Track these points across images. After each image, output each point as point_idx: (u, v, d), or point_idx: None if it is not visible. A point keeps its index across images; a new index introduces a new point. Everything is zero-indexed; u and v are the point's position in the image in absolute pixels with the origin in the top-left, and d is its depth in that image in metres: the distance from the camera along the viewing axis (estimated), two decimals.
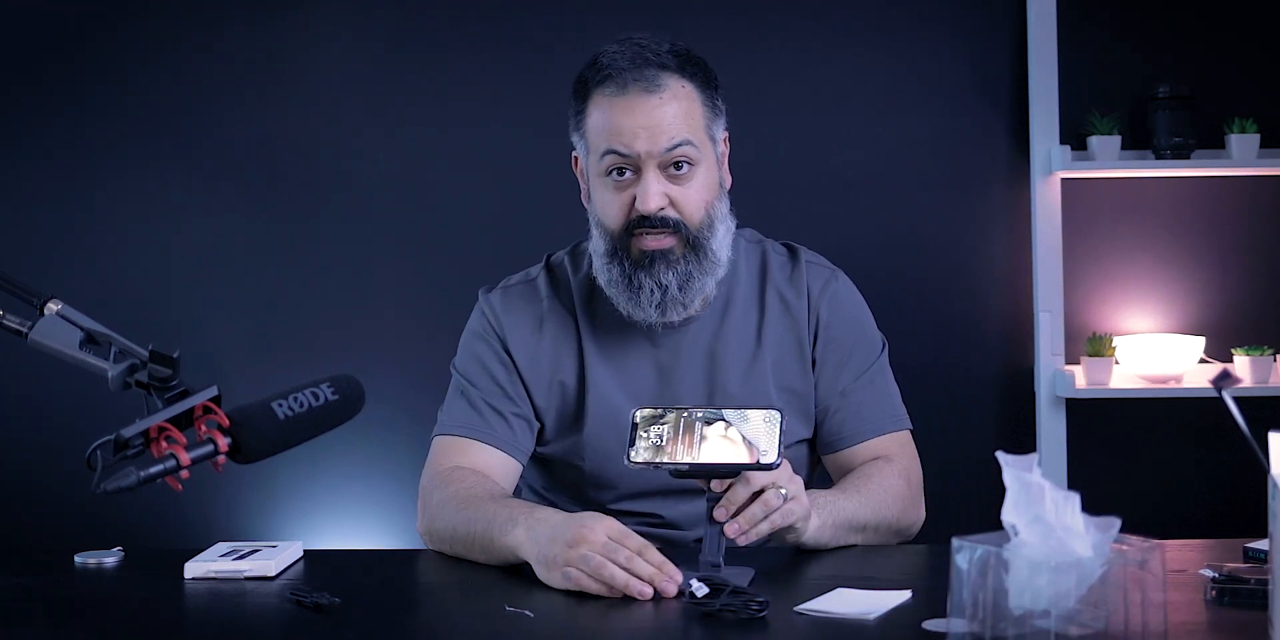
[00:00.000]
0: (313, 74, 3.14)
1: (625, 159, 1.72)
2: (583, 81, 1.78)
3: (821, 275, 1.87)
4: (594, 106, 1.76)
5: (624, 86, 1.72)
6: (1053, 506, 1.12)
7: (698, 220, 1.75)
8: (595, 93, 1.75)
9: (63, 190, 3.13)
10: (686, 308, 1.77)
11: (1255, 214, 3.12)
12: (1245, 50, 3.12)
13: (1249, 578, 1.39)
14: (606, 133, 1.73)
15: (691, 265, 1.75)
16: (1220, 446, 3.04)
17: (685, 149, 1.73)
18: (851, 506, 1.69)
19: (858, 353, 1.85)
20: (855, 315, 1.88)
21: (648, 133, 1.71)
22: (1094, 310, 3.12)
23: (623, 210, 1.74)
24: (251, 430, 1.27)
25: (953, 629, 1.17)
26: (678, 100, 1.74)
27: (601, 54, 1.77)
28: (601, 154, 1.74)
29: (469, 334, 1.89)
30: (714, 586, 1.38)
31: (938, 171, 3.13)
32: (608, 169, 1.74)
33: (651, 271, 1.73)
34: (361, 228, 3.14)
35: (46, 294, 1.30)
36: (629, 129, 1.71)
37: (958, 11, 3.13)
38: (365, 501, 3.12)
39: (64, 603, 1.50)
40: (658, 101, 1.72)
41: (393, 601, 1.51)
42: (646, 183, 1.72)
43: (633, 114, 1.72)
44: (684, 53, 1.78)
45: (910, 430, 1.88)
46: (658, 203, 1.72)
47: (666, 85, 1.73)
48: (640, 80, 1.72)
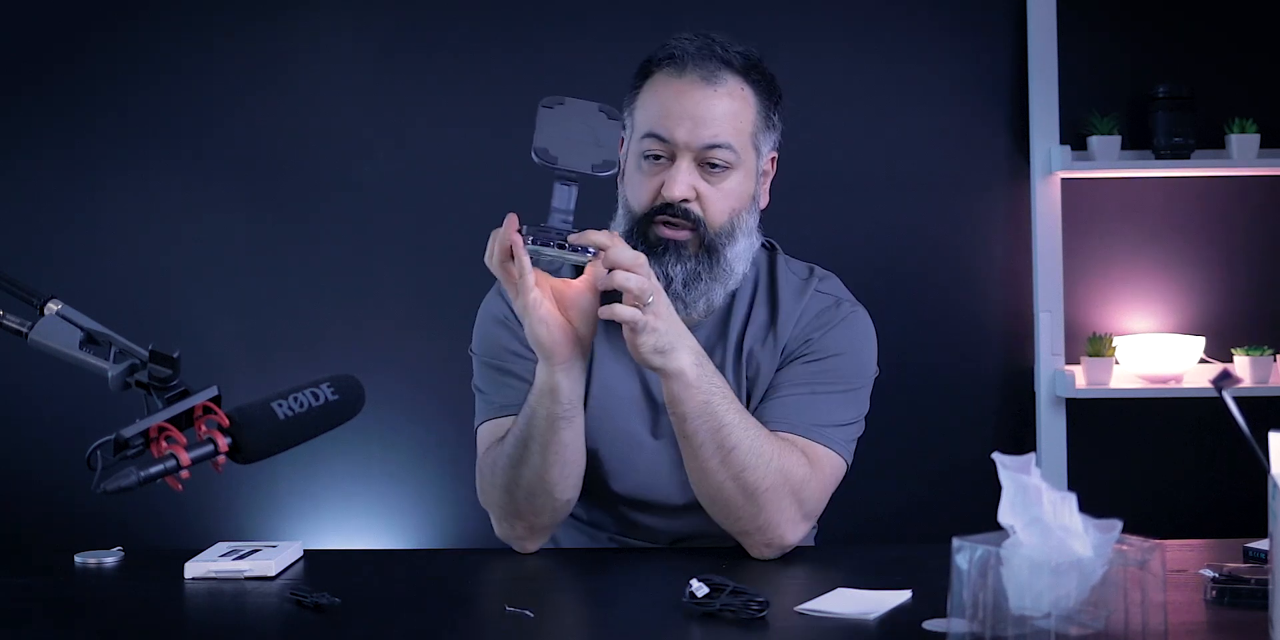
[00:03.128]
0: (313, 74, 3.14)
1: (663, 145, 1.71)
2: (646, 62, 1.77)
3: (821, 302, 1.80)
4: (649, 87, 1.75)
5: (682, 71, 1.72)
6: (1050, 507, 1.12)
7: (719, 224, 1.72)
8: (654, 73, 1.75)
9: (63, 190, 3.13)
10: (686, 307, 1.73)
11: (1255, 214, 3.12)
12: (1245, 50, 3.12)
13: (1249, 578, 1.39)
14: (653, 115, 1.72)
15: (701, 266, 1.72)
16: (1220, 446, 3.04)
17: (723, 152, 1.71)
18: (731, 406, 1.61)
19: (822, 366, 1.76)
20: (842, 338, 1.78)
21: (692, 123, 1.70)
22: (1094, 310, 3.12)
23: (650, 194, 1.73)
24: (251, 430, 1.27)
25: (953, 629, 1.17)
26: (732, 99, 1.72)
27: (672, 39, 1.76)
28: (642, 135, 1.73)
29: (487, 320, 1.84)
30: (714, 587, 1.38)
31: (938, 171, 3.13)
32: (644, 151, 1.73)
33: (661, 260, 1.71)
34: (362, 228, 3.14)
35: (46, 294, 1.30)
36: (675, 114, 1.70)
37: (958, 11, 3.13)
38: (365, 501, 3.12)
39: (64, 603, 1.50)
40: (711, 93, 1.71)
41: (393, 601, 1.51)
42: (677, 171, 1.70)
43: (682, 100, 1.71)
44: (755, 59, 1.77)
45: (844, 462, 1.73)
46: (683, 192, 1.70)
47: (724, 81, 1.72)
48: (700, 69, 1.71)
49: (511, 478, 1.67)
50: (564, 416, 1.63)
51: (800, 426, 1.70)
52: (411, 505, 3.12)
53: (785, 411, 1.72)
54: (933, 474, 3.10)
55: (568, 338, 1.60)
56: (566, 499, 1.69)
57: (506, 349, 1.80)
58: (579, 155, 1.57)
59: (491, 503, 1.72)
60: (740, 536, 1.66)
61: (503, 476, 1.68)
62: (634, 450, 1.77)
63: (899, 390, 1.92)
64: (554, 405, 1.62)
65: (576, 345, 1.61)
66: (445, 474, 3.09)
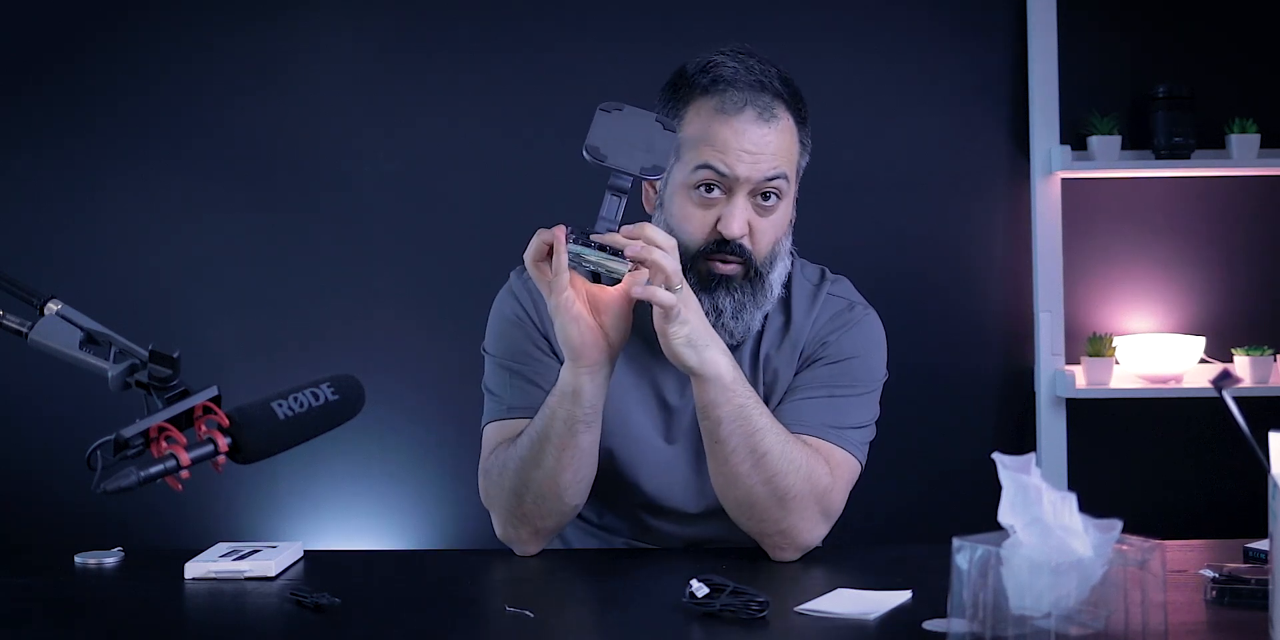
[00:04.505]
0: (313, 73, 3.14)
1: (722, 178, 1.69)
2: (687, 85, 1.73)
3: (836, 305, 1.82)
4: (696, 115, 1.71)
5: (740, 107, 1.69)
6: (1050, 507, 1.12)
7: (765, 254, 1.72)
8: (701, 101, 1.71)
9: (63, 190, 3.13)
10: (733, 336, 1.73)
11: (1255, 214, 3.12)
12: (1245, 50, 3.12)
13: (1249, 578, 1.39)
14: (708, 146, 1.69)
15: (747, 295, 1.72)
16: (1220, 446, 3.04)
17: (779, 182, 1.70)
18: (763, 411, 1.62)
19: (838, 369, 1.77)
20: (859, 343, 1.80)
21: (752, 158, 1.68)
22: (1094, 310, 3.12)
23: (703, 228, 1.70)
24: (251, 430, 1.27)
25: (953, 629, 1.17)
26: (782, 133, 1.71)
27: (714, 64, 1.72)
28: (696, 166, 1.69)
29: (501, 320, 1.83)
30: (714, 587, 1.38)
31: (938, 171, 3.13)
32: (699, 183, 1.70)
33: (712, 294, 1.70)
34: (361, 228, 3.14)
35: (46, 294, 1.29)
36: (734, 149, 1.68)
37: (958, 11, 3.13)
38: (365, 501, 3.12)
39: (64, 603, 1.50)
40: (768, 129, 1.69)
41: (393, 601, 1.51)
42: (735, 207, 1.68)
43: (741, 138, 1.68)
44: (791, 83, 1.75)
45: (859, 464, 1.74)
46: (741, 229, 1.69)
47: (779, 116, 1.71)
48: (756, 105, 1.69)
49: (522, 480, 1.66)
50: (584, 420, 1.62)
51: (819, 429, 1.71)
52: (411, 505, 3.12)
53: (804, 414, 1.72)
54: (933, 474, 3.10)
55: (597, 340, 1.59)
56: (575, 504, 1.69)
57: (521, 350, 1.79)
58: (629, 157, 1.56)
59: (496, 505, 1.71)
60: (762, 538, 1.66)
61: (512, 479, 1.67)
62: (647, 455, 1.77)
63: (899, 390, 1.92)
64: (575, 408, 1.61)
65: (606, 350, 1.60)
66: (445, 474, 3.09)
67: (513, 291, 1.83)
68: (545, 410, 1.64)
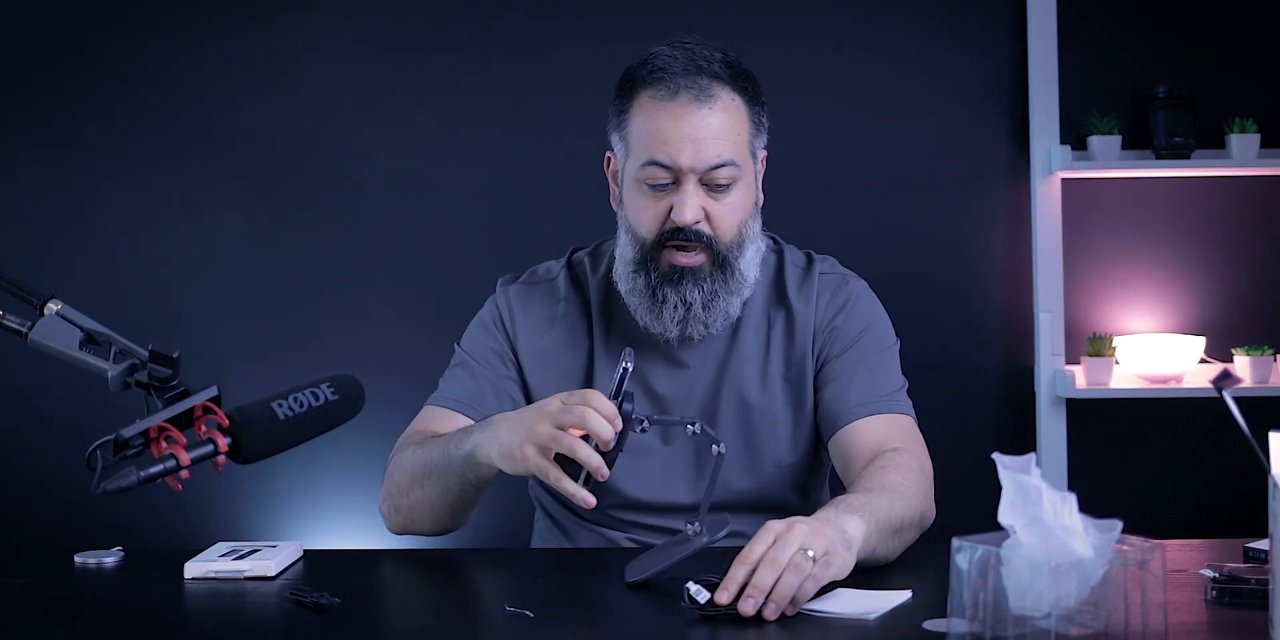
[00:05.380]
0: (313, 74, 3.14)
1: (667, 171, 1.69)
2: (630, 81, 1.74)
3: (832, 283, 1.84)
4: (639, 108, 1.72)
5: (675, 92, 1.69)
6: (1050, 507, 1.12)
7: (729, 239, 1.72)
8: (642, 94, 1.72)
9: (63, 190, 3.13)
10: (708, 327, 1.74)
11: (1255, 214, 3.12)
12: (1245, 50, 3.12)
13: (1249, 578, 1.39)
14: (651, 140, 1.69)
15: (718, 284, 1.72)
16: (1220, 446, 3.04)
17: (728, 169, 1.70)
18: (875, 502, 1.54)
19: (861, 345, 1.81)
20: (864, 314, 1.83)
21: (694, 145, 1.68)
22: (1094, 310, 3.12)
23: (657, 220, 1.71)
24: (251, 430, 1.27)
25: (953, 629, 1.17)
26: (727, 113, 1.71)
27: (653, 55, 1.73)
28: (643, 163, 1.70)
29: (480, 322, 1.87)
30: (711, 587, 1.38)
31: (938, 171, 3.13)
32: (647, 179, 1.71)
33: (678, 287, 1.71)
34: (361, 228, 3.14)
35: (46, 294, 1.30)
36: (675, 139, 1.68)
37: (958, 11, 3.13)
38: (365, 501, 3.12)
39: (64, 603, 1.49)
40: (707, 112, 1.69)
41: (393, 601, 1.51)
42: (685, 195, 1.69)
43: (680, 123, 1.68)
44: (736, 64, 1.75)
45: (914, 419, 1.80)
46: (694, 216, 1.69)
47: (717, 96, 1.70)
48: (692, 88, 1.69)
49: (408, 485, 1.69)
50: (476, 489, 1.65)
51: (877, 403, 1.75)
52: None
53: (856, 396, 1.76)
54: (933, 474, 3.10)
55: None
56: (446, 528, 1.72)
57: (482, 352, 1.83)
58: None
59: (388, 483, 1.74)
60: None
61: (403, 478, 1.70)
62: (645, 457, 1.78)
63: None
64: (475, 481, 1.63)
65: None
66: None
67: (495, 299, 1.87)
68: (448, 451, 1.62)
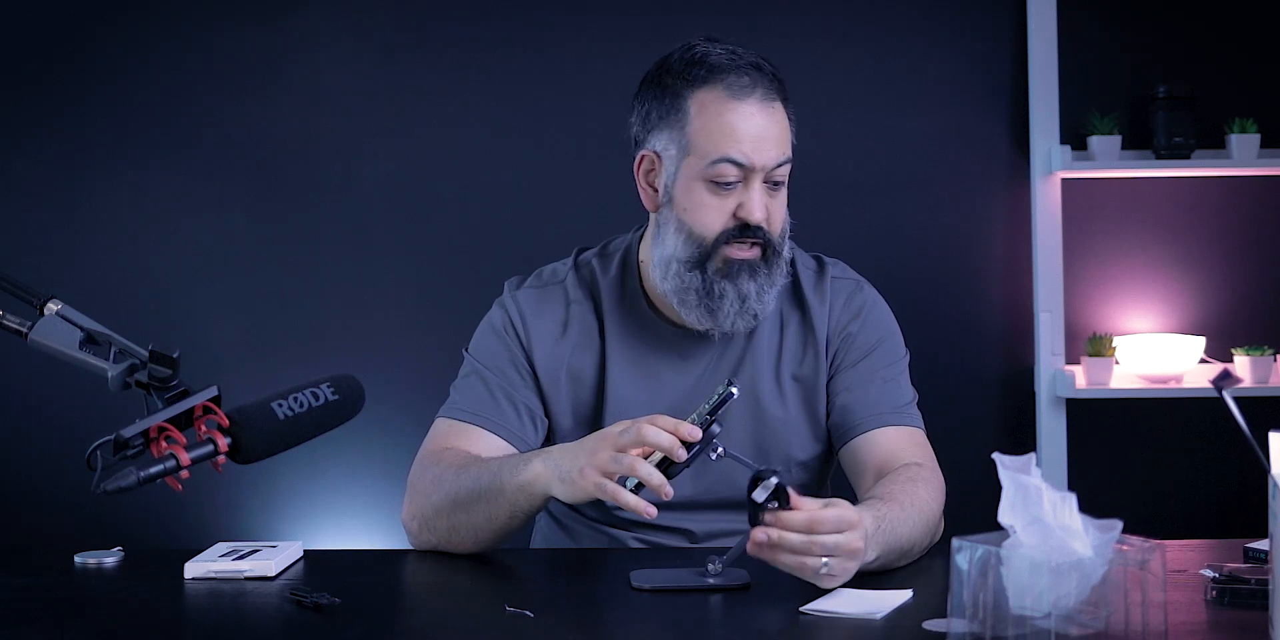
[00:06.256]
0: (313, 74, 3.14)
1: (739, 168, 1.69)
2: (680, 78, 1.71)
3: (846, 288, 1.85)
4: (701, 106, 1.70)
5: (743, 92, 1.68)
6: (1050, 507, 1.12)
7: (779, 233, 1.75)
8: (698, 90, 1.70)
9: (63, 190, 3.13)
10: (756, 318, 1.75)
11: (1255, 214, 3.12)
12: (1245, 50, 3.12)
13: (1249, 578, 1.39)
14: (723, 138, 1.68)
15: (764, 277, 1.73)
16: (1220, 446, 3.03)
17: (787, 167, 1.72)
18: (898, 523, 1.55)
19: (877, 355, 1.82)
20: (880, 324, 1.85)
21: (766, 144, 1.68)
22: (1094, 310, 3.12)
23: (723, 217, 1.70)
24: (251, 430, 1.27)
25: (953, 629, 1.17)
26: (783, 116, 1.73)
27: (703, 54, 1.71)
28: (713, 160, 1.68)
29: (489, 328, 1.84)
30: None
31: (938, 171, 3.13)
32: (717, 177, 1.70)
33: (736, 281, 1.71)
34: (361, 228, 3.14)
35: (46, 294, 1.30)
36: (749, 137, 1.68)
37: (958, 11, 3.13)
38: (365, 501, 3.12)
39: (64, 603, 1.49)
40: (773, 110, 1.70)
41: (393, 601, 1.51)
42: (755, 192, 1.69)
43: (752, 122, 1.68)
44: (773, 64, 1.76)
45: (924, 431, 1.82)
46: (764, 214, 1.70)
47: (777, 96, 1.72)
48: (760, 86, 1.69)
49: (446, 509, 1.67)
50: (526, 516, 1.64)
51: (891, 414, 1.77)
52: None
53: (872, 406, 1.77)
54: None
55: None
56: (483, 550, 1.70)
57: (496, 361, 1.80)
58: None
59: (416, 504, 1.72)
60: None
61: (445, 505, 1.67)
62: None
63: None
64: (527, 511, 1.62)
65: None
66: None
67: (504, 304, 1.85)
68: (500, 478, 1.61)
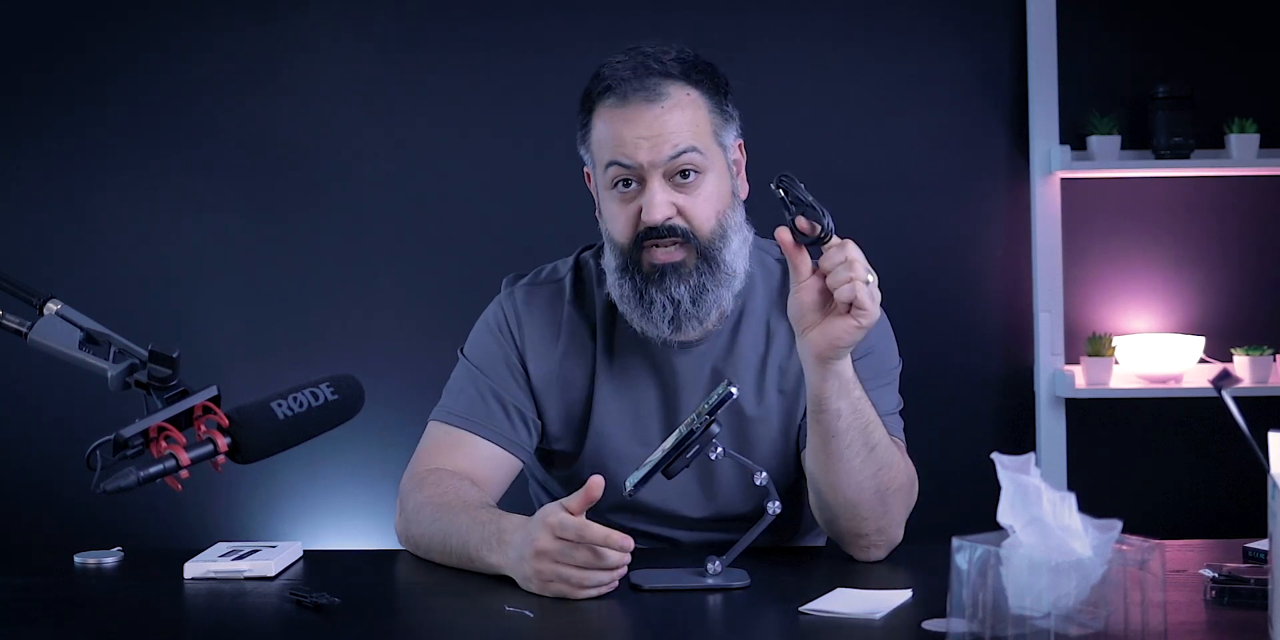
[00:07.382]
0: (313, 73, 3.14)
1: (629, 170, 1.68)
2: (587, 95, 1.74)
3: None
4: (597, 119, 1.72)
5: (625, 97, 1.69)
6: (1050, 507, 1.12)
7: (708, 230, 1.70)
8: (598, 105, 1.72)
9: (62, 190, 3.13)
10: (702, 323, 1.72)
11: (1255, 214, 3.12)
12: (1245, 50, 3.12)
13: (1249, 578, 1.39)
14: (609, 144, 1.69)
15: (704, 277, 1.69)
16: (1220, 446, 3.04)
17: (690, 156, 1.68)
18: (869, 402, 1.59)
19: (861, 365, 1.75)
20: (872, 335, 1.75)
21: (650, 142, 1.67)
22: (1094, 310, 3.12)
23: (630, 222, 1.70)
24: (251, 430, 1.27)
25: (953, 629, 1.17)
26: (681, 108, 1.70)
27: (605, 66, 1.73)
28: (605, 165, 1.70)
29: (485, 326, 1.84)
30: None
31: (938, 171, 3.13)
32: (613, 181, 1.70)
33: (663, 286, 1.68)
34: (361, 227, 3.14)
35: (46, 294, 1.30)
36: (630, 139, 1.67)
37: (958, 11, 3.13)
38: (365, 501, 3.12)
39: (64, 603, 1.50)
40: (660, 110, 1.68)
41: (393, 601, 1.51)
42: (651, 192, 1.67)
43: (634, 124, 1.68)
44: (690, 59, 1.73)
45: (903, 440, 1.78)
46: (664, 212, 1.67)
47: (669, 93, 1.69)
48: (641, 90, 1.68)
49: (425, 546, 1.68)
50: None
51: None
52: None
53: None
54: (932, 474, 3.06)
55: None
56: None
57: (490, 363, 1.80)
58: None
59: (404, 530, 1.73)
60: (856, 539, 1.63)
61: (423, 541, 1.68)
62: None
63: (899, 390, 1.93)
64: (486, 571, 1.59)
65: None
66: None
67: (501, 303, 1.84)
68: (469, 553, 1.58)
